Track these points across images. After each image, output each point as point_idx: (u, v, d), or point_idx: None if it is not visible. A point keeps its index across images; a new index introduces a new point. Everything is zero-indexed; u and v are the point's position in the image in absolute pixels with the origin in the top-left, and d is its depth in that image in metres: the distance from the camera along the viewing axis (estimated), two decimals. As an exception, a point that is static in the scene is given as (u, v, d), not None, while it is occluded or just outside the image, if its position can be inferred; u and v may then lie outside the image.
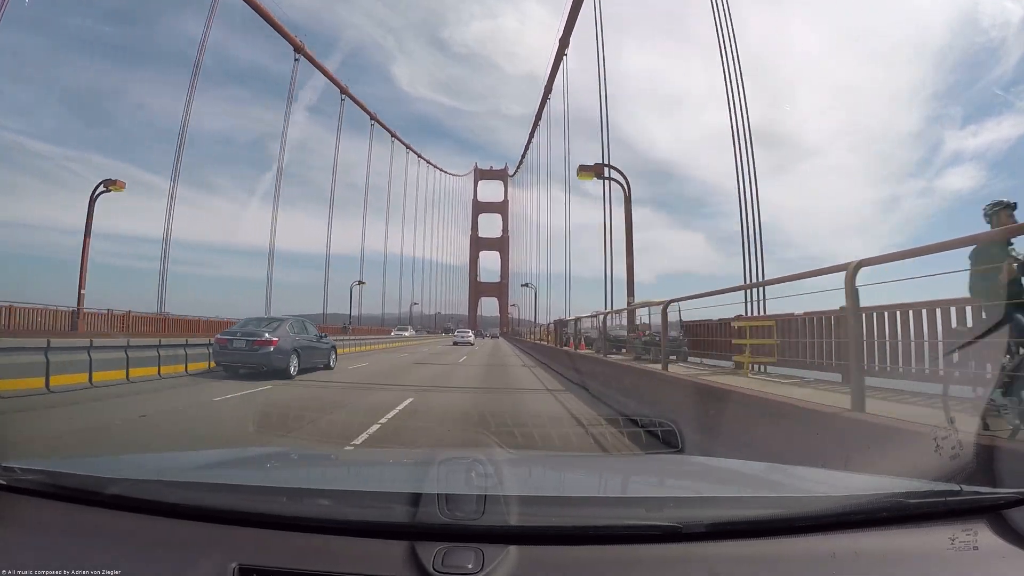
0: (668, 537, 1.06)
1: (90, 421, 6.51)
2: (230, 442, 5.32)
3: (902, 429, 2.66)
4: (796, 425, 3.46)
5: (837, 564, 1.01)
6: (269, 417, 5.83)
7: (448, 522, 1.06)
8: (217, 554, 1.03)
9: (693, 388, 5.40)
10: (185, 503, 1.18)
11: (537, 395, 9.74)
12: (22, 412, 6.75)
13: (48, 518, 1.19)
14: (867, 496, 1.26)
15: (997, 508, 1.15)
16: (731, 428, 4.10)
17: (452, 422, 6.07)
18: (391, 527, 1.09)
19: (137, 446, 5.28)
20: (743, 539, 1.07)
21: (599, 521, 1.12)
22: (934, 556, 1.05)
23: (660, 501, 1.28)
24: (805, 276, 4.58)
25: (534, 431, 4.73)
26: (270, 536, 1.09)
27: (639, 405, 6.39)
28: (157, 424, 6.45)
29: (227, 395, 8.62)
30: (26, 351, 8.76)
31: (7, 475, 1.25)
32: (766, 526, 1.11)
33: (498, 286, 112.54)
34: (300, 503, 1.22)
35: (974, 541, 1.06)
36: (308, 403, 7.91)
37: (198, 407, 7.72)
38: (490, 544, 1.02)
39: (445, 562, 0.99)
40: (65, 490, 1.24)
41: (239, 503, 1.20)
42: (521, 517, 1.08)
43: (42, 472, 1.29)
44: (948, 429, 2.14)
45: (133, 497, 1.21)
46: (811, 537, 1.08)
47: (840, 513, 1.14)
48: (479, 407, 7.06)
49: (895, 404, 4.34)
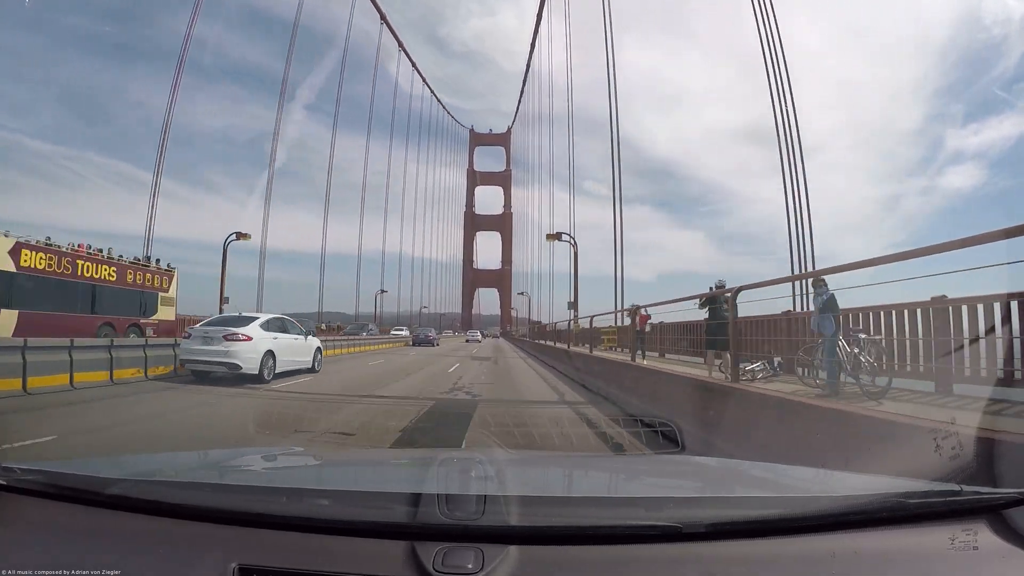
0: (668, 537, 1.06)
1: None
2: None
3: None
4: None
5: (837, 564, 1.01)
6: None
7: (448, 522, 1.06)
8: (217, 554, 1.03)
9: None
10: (185, 503, 1.18)
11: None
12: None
13: (48, 518, 1.19)
14: (867, 496, 1.26)
15: (997, 508, 1.15)
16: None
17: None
18: (391, 527, 1.09)
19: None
20: (743, 539, 1.07)
21: (599, 521, 1.13)
22: (934, 556, 1.05)
23: (660, 501, 1.28)
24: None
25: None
26: (270, 536, 1.09)
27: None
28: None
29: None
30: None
31: (7, 475, 1.25)
32: (766, 526, 1.11)
33: (498, 275, 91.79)
34: (300, 503, 1.22)
35: (974, 541, 1.06)
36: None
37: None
38: (490, 544, 1.02)
39: (445, 562, 0.99)
40: (65, 490, 1.24)
41: (239, 503, 1.20)
42: (521, 517, 1.08)
43: (42, 472, 1.28)
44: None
45: (133, 497, 1.21)
46: (811, 537, 1.08)
47: (840, 513, 1.14)
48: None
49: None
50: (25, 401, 7.62)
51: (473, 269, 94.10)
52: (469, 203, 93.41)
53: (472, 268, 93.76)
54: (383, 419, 6.67)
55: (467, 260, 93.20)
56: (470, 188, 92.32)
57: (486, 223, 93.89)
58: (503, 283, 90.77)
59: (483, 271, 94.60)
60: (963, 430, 2.16)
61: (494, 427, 5.11)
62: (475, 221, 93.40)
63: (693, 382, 6.31)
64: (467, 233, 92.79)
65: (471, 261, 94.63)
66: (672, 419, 3.53)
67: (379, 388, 10.35)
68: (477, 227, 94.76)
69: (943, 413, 3.76)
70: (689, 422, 4.93)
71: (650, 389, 7.37)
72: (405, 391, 10.05)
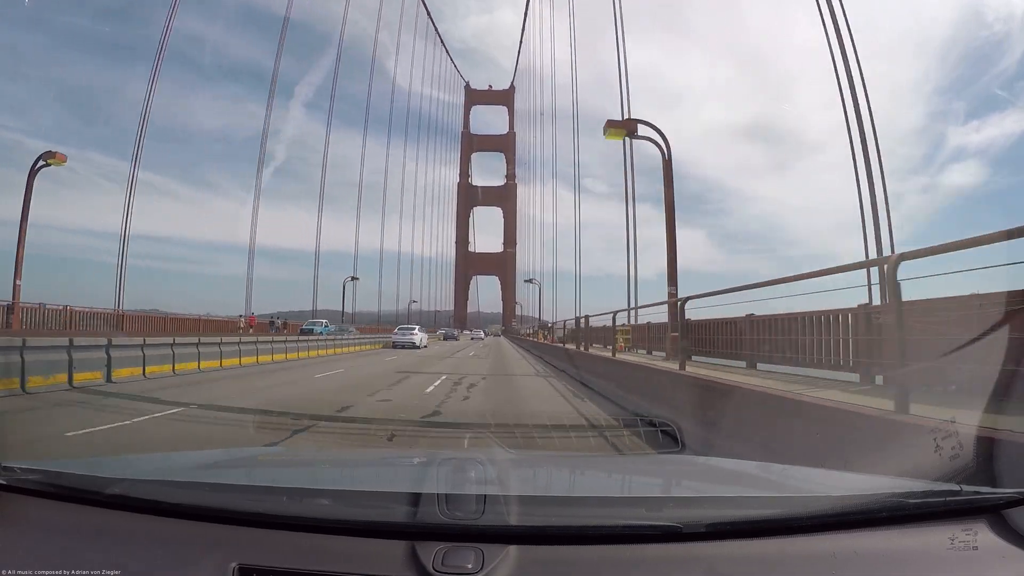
0: (668, 537, 1.06)
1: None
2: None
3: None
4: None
5: (837, 564, 1.01)
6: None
7: (448, 522, 1.06)
8: (217, 554, 1.03)
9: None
10: (185, 503, 1.18)
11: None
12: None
13: (48, 518, 1.19)
14: (867, 496, 1.26)
15: (997, 508, 1.15)
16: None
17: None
18: (391, 527, 1.09)
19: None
20: (743, 539, 1.07)
21: (599, 521, 1.13)
22: (934, 556, 1.05)
23: (660, 501, 1.28)
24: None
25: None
26: (270, 536, 1.09)
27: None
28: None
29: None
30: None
31: (7, 475, 1.25)
32: (766, 526, 1.11)
33: (499, 259, 72.93)
34: (300, 503, 1.22)
35: (974, 541, 1.06)
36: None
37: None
38: (490, 544, 1.02)
39: (445, 562, 0.99)
40: (65, 490, 1.24)
41: (239, 503, 1.20)
42: (521, 517, 1.08)
43: (42, 472, 1.29)
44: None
45: (133, 497, 1.21)
46: (811, 537, 1.08)
47: (840, 513, 1.14)
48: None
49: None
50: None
51: (469, 254, 76.18)
52: (464, 170, 76.22)
53: (468, 253, 75.92)
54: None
55: (461, 241, 75.34)
56: (465, 154, 75.93)
57: (485, 196, 75.85)
58: (505, 269, 73.41)
59: (481, 255, 77.43)
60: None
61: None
62: (471, 193, 75.27)
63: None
64: (461, 208, 74.69)
65: (466, 242, 76.46)
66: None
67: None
68: (473, 201, 75.71)
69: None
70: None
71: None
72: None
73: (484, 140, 76.15)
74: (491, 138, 76.02)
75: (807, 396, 3.90)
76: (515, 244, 71.23)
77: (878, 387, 4.70)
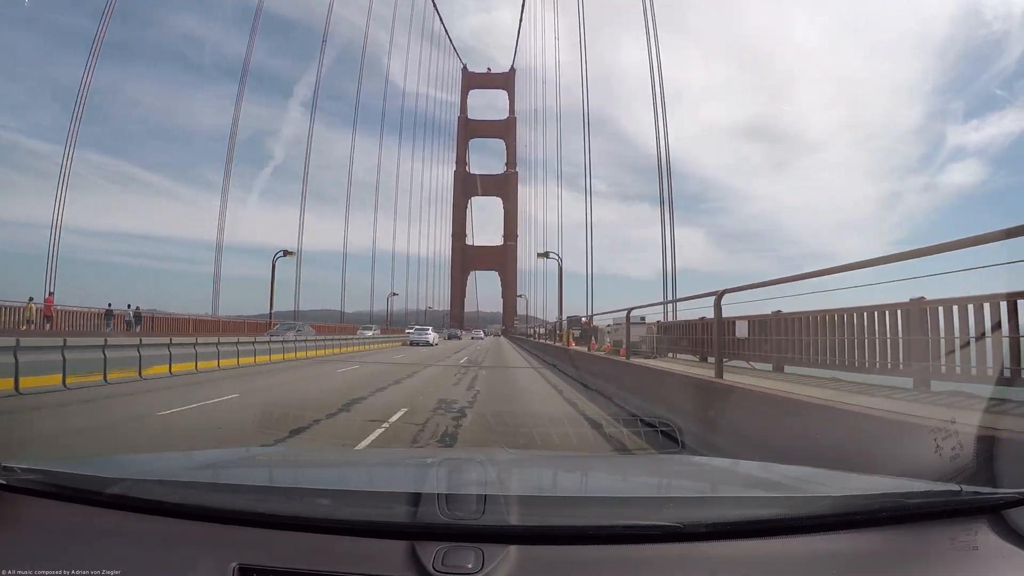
0: (668, 537, 1.06)
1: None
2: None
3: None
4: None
5: (837, 564, 1.01)
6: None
7: (448, 522, 1.06)
8: (217, 554, 1.03)
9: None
10: (185, 503, 1.18)
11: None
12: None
13: (48, 518, 1.19)
14: (867, 496, 1.27)
15: (997, 508, 1.15)
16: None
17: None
18: (391, 527, 1.09)
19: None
20: (743, 539, 1.07)
21: (599, 521, 1.13)
22: (934, 556, 1.05)
23: (660, 501, 1.28)
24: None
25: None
26: (270, 536, 1.09)
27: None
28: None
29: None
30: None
31: (7, 475, 1.24)
32: (766, 526, 1.11)
33: (499, 252, 67.24)
34: (300, 503, 1.22)
35: (974, 541, 1.06)
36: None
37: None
38: (490, 544, 1.02)
39: (445, 562, 0.99)
40: (65, 490, 1.24)
41: (239, 503, 1.20)
42: (521, 517, 1.08)
43: (42, 472, 1.28)
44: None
45: (133, 497, 1.21)
46: (811, 537, 1.08)
47: (840, 513, 1.14)
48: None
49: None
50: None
51: (466, 247, 70.34)
52: (461, 158, 70.50)
53: (464, 246, 69.87)
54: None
55: (458, 234, 69.33)
56: (463, 139, 70.45)
57: (484, 185, 69.90)
58: (505, 264, 67.55)
59: (479, 248, 71.49)
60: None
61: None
62: (469, 183, 69.42)
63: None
64: (458, 198, 68.71)
65: (463, 235, 70.48)
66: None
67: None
68: (471, 191, 69.64)
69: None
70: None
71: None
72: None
73: (483, 126, 69.80)
74: (490, 124, 69.82)
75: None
76: (516, 237, 65.97)
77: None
